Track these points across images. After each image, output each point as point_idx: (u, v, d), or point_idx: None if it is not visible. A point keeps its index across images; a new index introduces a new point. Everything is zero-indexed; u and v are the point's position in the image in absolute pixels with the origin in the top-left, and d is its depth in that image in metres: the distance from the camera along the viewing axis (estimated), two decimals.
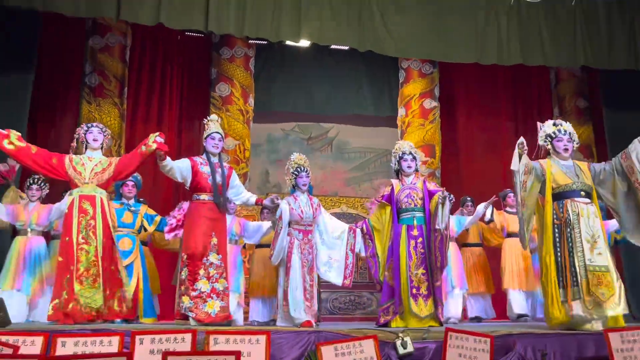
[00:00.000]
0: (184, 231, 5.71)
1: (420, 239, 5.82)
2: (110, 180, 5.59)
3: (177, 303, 5.47)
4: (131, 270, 6.30)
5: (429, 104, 9.89)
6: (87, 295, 5.20)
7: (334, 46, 8.97)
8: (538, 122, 5.51)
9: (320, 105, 10.51)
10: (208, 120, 5.87)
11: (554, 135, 5.35)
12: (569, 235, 5.04)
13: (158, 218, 6.71)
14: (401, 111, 10.01)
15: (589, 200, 5.16)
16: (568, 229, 5.05)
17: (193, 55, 10.05)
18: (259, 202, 6.01)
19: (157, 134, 5.50)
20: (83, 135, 5.66)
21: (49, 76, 8.77)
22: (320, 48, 9.15)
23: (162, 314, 7.44)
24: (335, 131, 10.86)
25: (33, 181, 6.69)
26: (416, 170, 6.19)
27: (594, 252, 4.98)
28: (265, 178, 10.40)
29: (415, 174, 6.17)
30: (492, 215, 7.45)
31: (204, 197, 5.60)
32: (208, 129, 5.78)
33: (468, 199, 8.02)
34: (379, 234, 6.02)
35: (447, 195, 5.75)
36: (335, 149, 10.83)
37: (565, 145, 5.30)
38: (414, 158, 6.13)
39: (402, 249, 5.80)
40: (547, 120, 5.57)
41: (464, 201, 8.03)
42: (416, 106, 9.84)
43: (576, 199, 5.12)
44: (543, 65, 8.96)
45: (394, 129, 10.20)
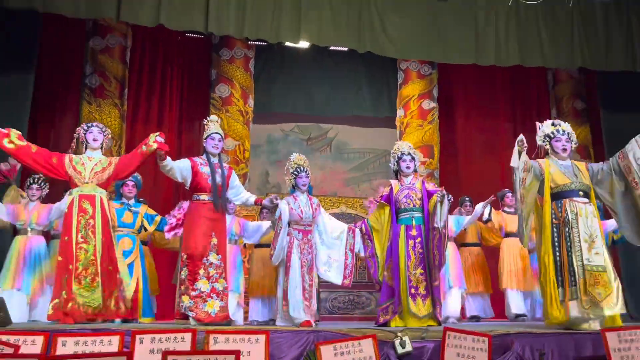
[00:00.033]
0: (184, 231, 5.70)
1: (418, 239, 5.81)
2: (110, 179, 5.56)
3: (177, 303, 5.45)
4: (131, 270, 6.28)
5: (427, 104, 9.88)
6: (85, 295, 5.18)
7: (333, 47, 8.98)
8: (537, 122, 5.51)
9: (320, 106, 10.50)
10: (208, 121, 5.86)
11: (553, 136, 5.35)
12: (567, 234, 5.04)
13: (158, 218, 6.71)
14: (400, 112, 10.01)
15: (587, 200, 5.16)
16: (566, 229, 5.05)
17: (193, 57, 10.05)
18: (258, 202, 6.00)
19: (158, 133, 5.48)
20: (83, 135, 5.64)
21: (50, 77, 8.76)
22: (319, 49, 9.14)
23: (162, 314, 7.44)
24: (334, 132, 10.86)
25: (33, 181, 6.69)
26: (415, 170, 6.17)
27: (592, 252, 4.98)
28: (265, 178, 10.40)
29: (414, 174, 6.15)
30: (490, 215, 7.47)
31: (204, 198, 5.59)
32: (208, 130, 5.77)
33: (467, 199, 8.03)
34: (378, 234, 6.02)
35: (446, 194, 5.75)
36: (335, 150, 10.83)
37: (563, 146, 5.31)
38: (413, 158, 6.13)
39: (401, 249, 5.79)
40: (546, 120, 5.57)
41: (462, 201, 8.03)
42: (415, 107, 9.83)
43: (575, 199, 5.12)
44: (541, 67, 8.97)
45: (392, 129, 10.19)
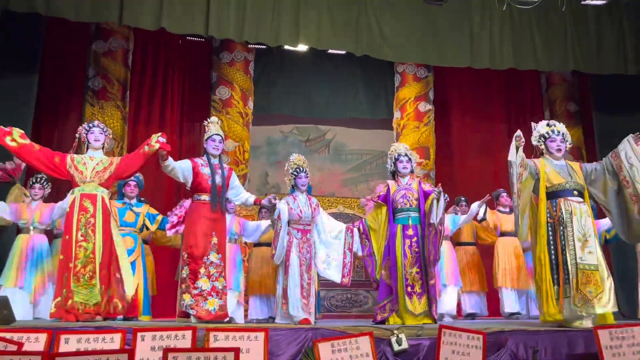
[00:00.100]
0: (185, 231, 5.69)
1: (415, 238, 5.81)
2: (112, 179, 5.56)
3: (179, 301, 5.46)
4: (133, 269, 6.28)
5: (423, 107, 9.90)
6: (83, 292, 5.18)
7: (331, 51, 8.99)
8: (532, 123, 5.50)
9: (318, 108, 10.52)
10: (208, 122, 5.85)
11: (548, 136, 5.35)
12: (562, 233, 5.05)
13: (160, 217, 6.71)
14: (397, 114, 10.04)
15: (581, 200, 5.17)
16: (561, 227, 5.06)
17: (194, 60, 10.06)
18: (257, 202, 6.01)
19: (160, 134, 5.48)
20: (85, 135, 5.64)
21: (53, 79, 8.77)
22: (318, 53, 9.17)
23: (163, 312, 7.44)
24: (332, 133, 10.86)
25: (36, 180, 6.69)
26: (412, 171, 6.17)
27: (585, 251, 4.99)
28: (264, 179, 10.40)
29: (410, 175, 6.16)
30: (485, 215, 7.49)
31: (205, 198, 5.58)
32: (209, 131, 5.76)
33: (462, 199, 8.05)
34: (375, 234, 6.02)
35: (442, 191, 5.74)
36: (333, 151, 10.84)
37: (558, 146, 5.31)
38: (410, 159, 6.12)
39: (398, 248, 5.79)
40: (541, 121, 5.58)
41: (458, 201, 8.06)
42: (411, 109, 9.86)
43: (569, 198, 5.13)
44: (535, 70, 9.00)
45: (389, 131, 10.21)
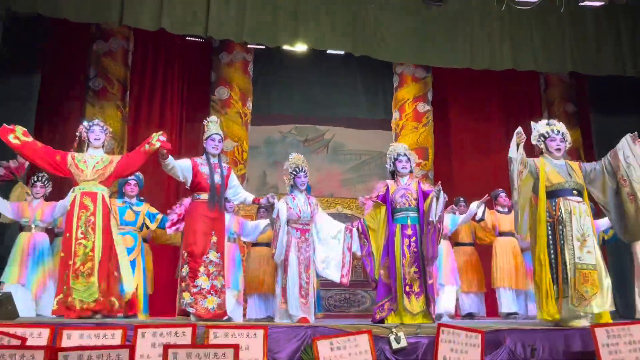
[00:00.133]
0: (184, 230, 5.69)
1: (413, 238, 5.79)
2: (112, 177, 5.55)
3: (178, 299, 5.46)
4: (133, 267, 6.28)
5: (422, 107, 9.90)
6: (81, 289, 5.17)
7: (330, 51, 8.99)
8: (532, 122, 5.47)
9: (317, 108, 10.52)
10: (208, 122, 5.83)
11: (547, 135, 5.34)
12: (561, 233, 5.05)
13: (160, 216, 6.71)
14: (395, 115, 10.04)
15: (580, 199, 5.17)
16: (560, 227, 5.06)
17: (193, 60, 10.06)
18: (256, 202, 6.02)
19: (160, 133, 5.48)
20: (85, 134, 5.64)
21: (55, 79, 8.75)
22: (317, 53, 9.17)
23: (164, 310, 7.43)
24: (331, 134, 10.85)
25: (37, 179, 6.74)
26: (411, 171, 6.15)
27: (584, 250, 4.99)
28: (263, 179, 10.39)
29: (409, 175, 6.15)
30: (484, 215, 7.48)
31: (204, 197, 5.57)
32: (208, 131, 5.75)
33: (461, 199, 8.06)
34: (374, 233, 5.99)
35: (442, 189, 5.72)
36: (331, 151, 10.83)
37: (558, 145, 5.30)
38: (409, 159, 6.10)
39: (397, 248, 5.77)
40: (541, 120, 5.58)
41: (457, 201, 8.06)
42: (410, 110, 9.86)
43: (569, 198, 5.12)
44: (533, 71, 9.01)
45: (388, 131, 10.21)
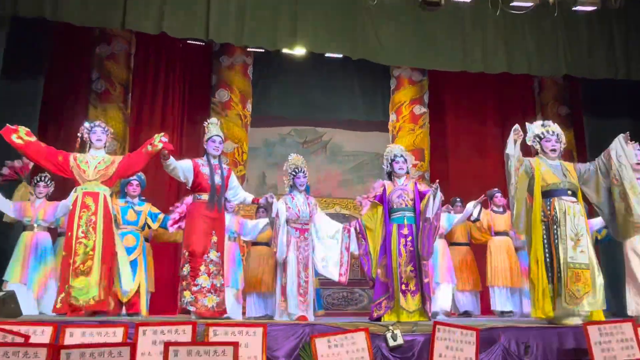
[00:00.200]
0: (185, 230, 5.69)
1: (410, 237, 5.80)
2: (114, 177, 5.57)
3: (179, 298, 5.47)
4: (135, 267, 6.30)
5: (418, 110, 9.94)
6: (79, 288, 5.18)
7: (328, 55, 9.00)
8: (527, 123, 5.46)
9: (316, 110, 10.51)
10: (208, 124, 5.83)
11: (543, 136, 5.34)
12: (555, 232, 5.06)
13: (161, 216, 6.70)
14: (392, 117, 10.06)
15: (575, 199, 5.18)
16: (554, 226, 5.07)
17: (194, 63, 10.07)
18: (255, 201, 6.03)
19: (162, 134, 5.49)
20: (87, 135, 5.64)
21: (59, 82, 8.75)
22: (315, 56, 9.16)
23: (165, 308, 7.44)
24: (329, 135, 10.85)
25: (40, 179, 6.75)
26: (407, 172, 6.16)
27: (577, 250, 5.00)
28: (262, 180, 10.39)
29: (406, 175, 6.16)
30: (480, 215, 7.48)
31: (205, 197, 5.58)
32: (209, 132, 5.75)
33: (457, 199, 8.10)
34: (372, 233, 5.99)
35: (439, 187, 5.72)
36: (330, 153, 10.82)
37: (553, 146, 5.30)
38: (405, 160, 6.11)
39: (393, 247, 5.78)
40: (535, 121, 5.58)
41: (453, 202, 8.09)
42: (407, 112, 9.88)
43: (563, 198, 5.13)
44: (527, 74, 9.02)
45: (385, 133, 10.23)
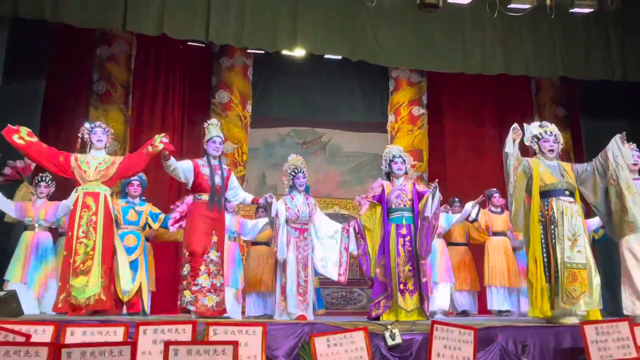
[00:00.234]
0: (185, 230, 5.70)
1: (408, 237, 5.81)
2: (115, 177, 5.58)
3: (180, 297, 5.47)
4: (136, 266, 6.30)
5: (417, 111, 9.94)
6: (81, 287, 5.19)
7: (327, 56, 9.00)
8: (524, 124, 5.46)
9: (315, 111, 10.52)
10: (208, 125, 5.82)
11: (541, 137, 5.34)
12: (552, 232, 5.07)
13: (162, 216, 6.69)
14: (391, 118, 10.06)
15: (572, 200, 5.18)
16: (552, 226, 5.07)
17: (194, 64, 10.07)
18: (255, 202, 6.04)
19: (163, 135, 5.50)
20: (87, 136, 5.66)
21: (59, 83, 8.75)
22: (315, 58, 9.17)
23: (166, 308, 7.44)
24: (328, 136, 10.85)
25: (41, 179, 6.75)
26: (405, 172, 6.17)
27: (574, 250, 5.00)
28: (262, 180, 10.39)
29: (404, 176, 6.16)
30: (478, 215, 7.47)
31: (205, 198, 5.58)
32: (209, 133, 5.74)
33: (456, 200, 8.10)
34: (370, 233, 6.00)
35: (438, 187, 5.72)
36: (329, 153, 10.83)
37: (551, 146, 5.31)
38: (404, 161, 6.11)
39: (392, 247, 5.79)
40: (533, 122, 5.58)
41: (452, 202, 8.10)
42: (405, 113, 9.88)
43: (561, 198, 5.13)
44: (525, 75, 9.03)
45: (384, 134, 10.23)
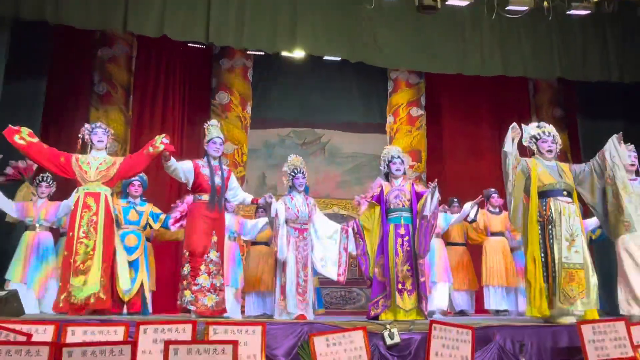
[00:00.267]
0: (186, 230, 5.71)
1: (406, 237, 5.80)
2: (115, 178, 5.59)
3: (180, 297, 5.48)
4: (137, 266, 6.29)
5: (415, 112, 9.95)
6: (78, 286, 5.18)
7: (327, 57, 9.00)
8: (522, 125, 5.44)
9: (315, 112, 10.53)
10: (209, 125, 5.82)
11: (539, 137, 5.34)
12: (550, 232, 5.06)
13: (163, 216, 6.68)
14: (390, 119, 10.08)
15: (570, 200, 5.18)
16: (550, 226, 5.07)
17: (195, 65, 10.06)
18: (254, 202, 6.05)
19: (163, 135, 5.51)
20: (88, 137, 5.67)
21: (60, 84, 8.73)
22: (314, 59, 9.17)
23: (166, 307, 7.43)
24: (328, 137, 10.83)
25: (42, 179, 6.76)
26: (404, 173, 6.17)
27: (572, 250, 5.00)
28: (262, 181, 10.38)
29: (403, 176, 6.17)
30: (476, 216, 7.47)
31: (205, 198, 5.58)
32: (209, 134, 5.74)
33: (455, 200, 8.11)
34: (369, 233, 5.99)
35: (437, 186, 5.71)
36: (328, 154, 10.81)
37: (549, 147, 5.31)
38: (402, 161, 6.11)
39: (390, 247, 5.79)
40: (531, 123, 5.58)
41: (451, 202, 8.11)
42: (404, 114, 9.90)
43: (559, 198, 5.13)
44: (522, 77, 9.03)
45: (383, 135, 10.24)
